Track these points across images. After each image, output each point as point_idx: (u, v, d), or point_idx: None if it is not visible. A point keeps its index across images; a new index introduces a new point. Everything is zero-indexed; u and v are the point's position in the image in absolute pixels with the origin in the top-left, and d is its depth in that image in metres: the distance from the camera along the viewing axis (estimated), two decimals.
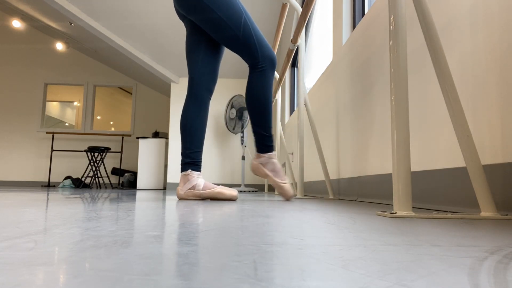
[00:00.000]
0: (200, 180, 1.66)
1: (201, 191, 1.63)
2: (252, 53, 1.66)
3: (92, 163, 7.10)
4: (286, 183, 1.69)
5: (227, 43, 1.67)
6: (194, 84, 1.76)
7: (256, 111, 1.69)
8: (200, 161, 1.73)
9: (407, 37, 1.46)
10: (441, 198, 1.19)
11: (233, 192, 1.66)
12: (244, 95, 5.96)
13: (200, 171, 1.71)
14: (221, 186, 1.67)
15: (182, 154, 1.71)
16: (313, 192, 3.10)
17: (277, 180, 1.69)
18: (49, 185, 7.06)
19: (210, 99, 1.79)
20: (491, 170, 0.97)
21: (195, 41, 1.78)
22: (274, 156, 1.72)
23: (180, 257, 0.33)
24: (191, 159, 1.70)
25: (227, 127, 5.48)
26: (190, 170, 1.68)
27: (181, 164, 1.71)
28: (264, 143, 1.70)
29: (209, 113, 6.23)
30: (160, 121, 7.69)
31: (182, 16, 1.79)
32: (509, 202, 0.90)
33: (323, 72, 2.93)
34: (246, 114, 5.27)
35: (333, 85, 2.57)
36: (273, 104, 3.87)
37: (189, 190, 1.64)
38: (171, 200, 1.62)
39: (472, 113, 1.06)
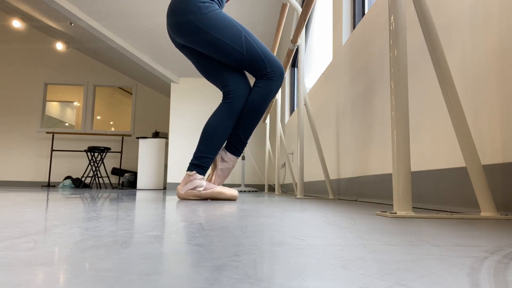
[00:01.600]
0: (203, 182, 1.65)
1: (201, 191, 1.63)
2: (259, 66, 1.66)
3: (92, 163, 7.10)
4: (219, 186, 1.69)
5: (233, 63, 1.67)
6: (234, 95, 1.72)
7: (249, 117, 1.69)
8: (208, 168, 1.71)
9: (407, 37, 1.46)
10: (441, 198, 1.19)
11: (233, 192, 1.65)
12: None
13: (204, 175, 1.70)
14: (221, 186, 1.67)
15: (195, 154, 1.69)
16: (313, 192, 3.10)
17: (211, 190, 1.65)
18: (49, 185, 7.06)
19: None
20: (491, 170, 0.97)
21: (207, 62, 1.74)
22: (236, 161, 1.77)
23: (180, 257, 0.33)
24: (201, 163, 1.68)
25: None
26: (195, 172, 1.67)
27: (190, 163, 1.69)
28: (238, 147, 1.74)
29: (209, 113, 6.25)
30: (160, 121, 7.69)
31: (179, 46, 1.76)
32: (509, 202, 0.90)
33: (323, 72, 2.93)
34: None
35: (333, 85, 2.57)
36: (272, 104, 3.88)
37: (190, 190, 1.64)
38: (171, 200, 1.62)
39: (472, 113, 1.06)
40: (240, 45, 1.63)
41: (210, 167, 1.75)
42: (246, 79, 1.75)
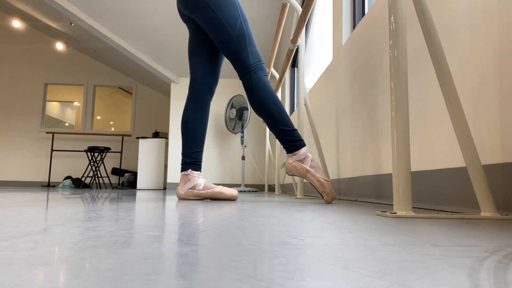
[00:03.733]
0: (201, 180, 1.66)
1: (201, 191, 1.63)
2: (241, 57, 1.63)
3: (92, 163, 7.10)
4: (328, 180, 1.53)
5: (220, 44, 1.65)
6: (196, 84, 1.76)
7: (266, 111, 1.60)
8: (201, 161, 1.73)
9: (407, 37, 1.46)
10: (441, 198, 1.19)
11: (233, 192, 1.65)
12: (243, 95, 5.97)
13: (200, 171, 1.72)
14: (221, 186, 1.67)
15: (183, 153, 1.72)
16: (313, 192, 3.10)
17: (319, 176, 1.53)
18: (49, 185, 7.06)
19: (211, 99, 1.79)
20: (491, 170, 0.97)
21: (198, 41, 1.79)
22: (308, 151, 1.59)
23: (180, 257, 0.33)
24: (192, 159, 1.70)
25: (227, 127, 5.48)
26: (190, 170, 1.69)
27: (181, 164, 1.71)
28: (291, 139, 1.57)
29: (209, 113, 6.25)
30: (160, 121, 7.69)
31: (185, 18, 1.79)
32: (509, 202, 0.90)
33: (323, 72, 2.93)
34: (246, 114, 5.27)
35: (333, 85, 2.57)
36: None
37: (189, 190, 1.65)
38: (171, 200, 1.62)
39: (472, 113, 1.06)
40: (233, 29, 1.61)
41: (305, 171, 1.58)
42: (215, 75, 1.78)
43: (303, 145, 1.58)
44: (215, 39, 1.66)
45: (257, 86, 1.60)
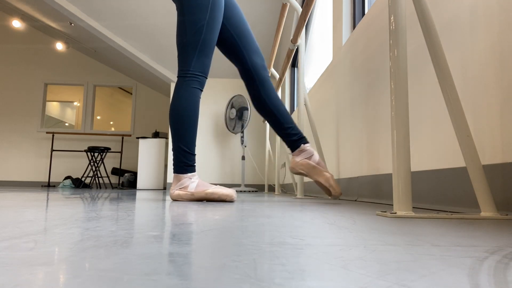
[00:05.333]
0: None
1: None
2: (187, 59, 1.56)
3: (92, 163, 7.10)
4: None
5: (177, 35, 1.60)
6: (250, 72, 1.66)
7: (180, 118, 1.55)
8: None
9: (407, 37, 1.46)
10: (441, 198, 1.19)
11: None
12: (244, 95, 5.97)
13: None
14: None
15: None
16: (313, 192, 3.10)
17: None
18: (49, 185, 7.06)
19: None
20: (491, 170, 0.97)
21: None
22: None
23: (180, 257, 0.33)
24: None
25: (227, 127, 5.48)
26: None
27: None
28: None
29: (209, 113, 6.26)
30: (160, 121, 7.69)
31: None
32: (509, 202, 0.90)
33: (323, 72, 2.93)
34: (246, 114, 5.27)
35: (333, 85, 2.57)
36: None
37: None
38: (171, 200, 1.62)
39: (472, 113, 1.06)
40: (191, 26, 1.54)
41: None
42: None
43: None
44: (177, 32, 1.61)
45: (179, 94, 1.57)
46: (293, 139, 1.61)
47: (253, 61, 1.69)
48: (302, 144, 1.61)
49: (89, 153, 7.06)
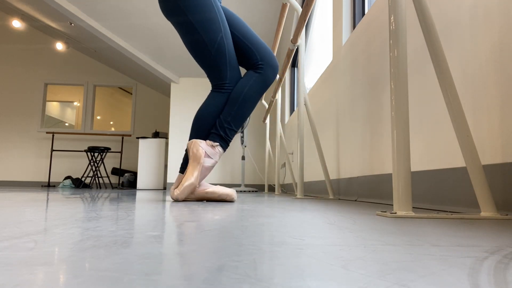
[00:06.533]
0: (214, 154, 1.56)
1: (194, 182, 1.50)
2: (219, 75, 1.59)
3: (92, 163, 7.10)
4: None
5: (197, 56, 1.60)
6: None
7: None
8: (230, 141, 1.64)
9: (407, 37, 1.46)
10: (441, 198, 1.19)
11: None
12: None
13: (225, 149, 1.62)
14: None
15: (219, 123, 1.62)
16: (313, 192, 3.10)
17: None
18: (49, 185, 7.06)
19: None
20: (491, 170, 0.97)
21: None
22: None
23: (180, 257, 0.33)
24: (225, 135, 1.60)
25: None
26: (218, 144, 1.58)
27: (213, 133, 1.62)
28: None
29: None
30: (160, 121, 7.69)
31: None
32: (509, 202, 0.90)
33: (323, 72, 2.93)
34: None
35: (333, 85, 2.57)
36: (273, 104, 3.88)
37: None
38: (171, 200, 1.62)
39: (472, 113, 1.06)
40: (212, 43, 1.55)
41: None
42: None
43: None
44: (189, 47, 1.60)
45: (212, 101, 1.60)
46: (220, 133, 1.59)
47: (261, 53, 1.66)
48: (217, 144, 1.58)
49: (89, 153, 7.06)
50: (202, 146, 1.55)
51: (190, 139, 1.61)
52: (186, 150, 1.59)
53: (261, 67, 1.63)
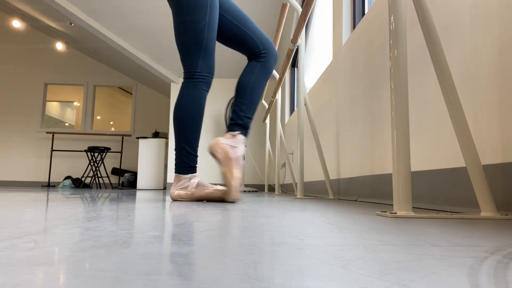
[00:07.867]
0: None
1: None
2: (193, 60, 1.57)
3: (92, 163, 7.10)
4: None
5: (176, 38, 1.59)
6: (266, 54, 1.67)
7: (180, 121, 1.59)
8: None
9: (407, 37, 1.46)
10: (441, 198, 1.19)
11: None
12: None
13: (195, 172, 1.64)
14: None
15: (235, 114, 1.64)
16: (313, 192, 3.10)
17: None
18: (49, 185, 7.06)
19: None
20: (491, 170, 0.97)
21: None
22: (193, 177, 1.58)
23: (180, 257, 0.33)
24: (243, 122, 1.64)
25: (227, 127, 5.48)
26: (239, 132, 1.61)
27: (231, 124, 1.64)
28: (185, 162, 1.58)
29: (209, 113, 6.26)
30: (160, 121, 7.69)
31: None
32: (509, 202, 0.90)
33: (323, 72, 2.93)
34: None
35: (333, 85, 2.57)
36: (273, 104, 3.88)
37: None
38: (171, 200, 1.62)
39: (472, 113, 1.06)
40: (192, 27, 1.53)
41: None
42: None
43: (193, 172, 1.58)
44: (175, 27, 1.59)
45: (185, 94, 1.58)
46: (238, 122, 1.61)
47: (263, 42, 1.68)
48: (238, 132, 1.59)
49: (89, 153, 7.06)
50: (223, 141, 1.55)
51: (190, 139, 1.59)
52: (210, 154, 1.57)
53: (263, 56, 1.65)
